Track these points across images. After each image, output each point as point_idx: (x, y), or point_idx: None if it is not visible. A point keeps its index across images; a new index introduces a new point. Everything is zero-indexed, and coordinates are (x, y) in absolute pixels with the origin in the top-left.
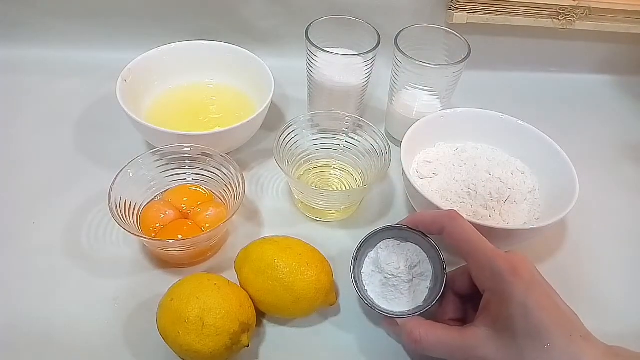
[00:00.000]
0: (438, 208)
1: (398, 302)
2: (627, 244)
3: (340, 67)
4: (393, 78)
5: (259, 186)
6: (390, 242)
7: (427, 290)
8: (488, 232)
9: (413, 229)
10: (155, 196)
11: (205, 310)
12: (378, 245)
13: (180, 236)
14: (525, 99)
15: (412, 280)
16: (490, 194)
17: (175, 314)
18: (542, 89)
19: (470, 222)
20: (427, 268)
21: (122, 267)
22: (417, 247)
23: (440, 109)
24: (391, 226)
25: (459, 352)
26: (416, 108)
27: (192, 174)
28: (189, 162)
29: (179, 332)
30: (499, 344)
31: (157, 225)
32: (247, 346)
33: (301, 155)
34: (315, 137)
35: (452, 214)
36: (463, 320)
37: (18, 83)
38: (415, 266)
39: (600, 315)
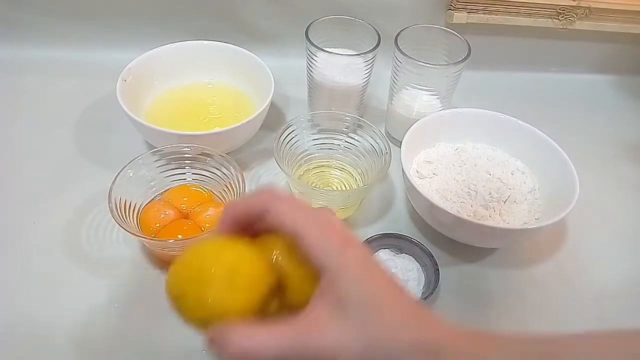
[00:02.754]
0: (438, 208)
1: None
2: (627, 244)
3: (341, 67)
4: (393, 78)
5: (259, 186)
6: (387, 252)
7: (421, 293)
8: (488, 232)
9: (408, 238)
10: (155, 196)
11: (239, 259)
12: (376, 253)
13: (180, 236)
14: (525, 99)
15: (407, 282)
16: (490, 193)
17: (197, 269)
18: (542, 89)
19: (471, 222)
20: (420, 274)
21: (122, 267)
22: (411, 257)
23: (440, 109)
24: (388, 234)
25: (297, 349)
26: (416, 108)
27: (192, 174)
28: (189, 162)
29: (202, 289)
30: (339, 321)
31: (157, 225)
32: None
33: (301, 155)
34: (315, 137)
35: (275, 193)
36: None
37: (18, 83)
38: (410, 271)
39: (600, 315)
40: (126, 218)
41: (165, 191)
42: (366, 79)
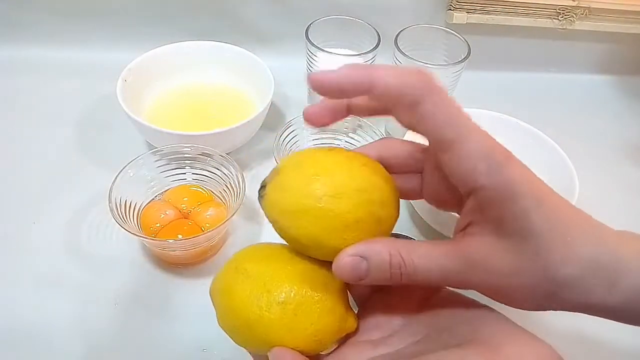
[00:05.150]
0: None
1: None
2: None
3: None
4: None
5: (259, 186)
6: None
7: None
8: None
9: (409, 238)
10: (156, 196)
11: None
12: None
13: (180, 236)
14: (525, 99)
15: None
16: None
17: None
18: (542, 89)
19: None
20: None
21: (122, 267)
22: None
23: None
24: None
25: (457, 272)
26: None
27: (192, 174)
28: (189, 162)
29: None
30: (508, 250)
31: (157, 225)
32: None
33: None
34: (315, 137)
35: (432, 84)
36: None
37: (18, 83)
38: None
39: None
40: (126, 218)
41: (165, 191)
42: None
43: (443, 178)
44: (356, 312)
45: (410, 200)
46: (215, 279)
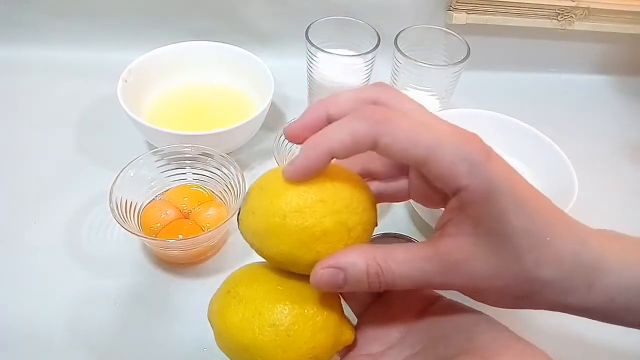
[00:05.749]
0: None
1: None
2: None
3: (340, 67)
4: (393, 78)
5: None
6: None
7: None
8: None
9: (408, 238)
10: (156, 196)
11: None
12: None
13: (180, 236)
14: (525, 99)
15: None
16: None
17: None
18: (542, 89)
19: None
20: None
21: (123, 267)
22: None
23: (440, 109)
24: (388, 234)
25: (437, 275)
26: None
27: (193, 174)
28: (189, 162)
29: (318, 251)
30: (488, 250)
31: (158, 225)
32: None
33: None
34: None
35: (378, 115)
36: None
37: (18, 83)
38: None
39: None
40: (127, 218)
41: (165, 191)
42: (366, 79)
43: (428, 180)
44: (355, 322)
45: (411, 201)
46: (211, 302)
